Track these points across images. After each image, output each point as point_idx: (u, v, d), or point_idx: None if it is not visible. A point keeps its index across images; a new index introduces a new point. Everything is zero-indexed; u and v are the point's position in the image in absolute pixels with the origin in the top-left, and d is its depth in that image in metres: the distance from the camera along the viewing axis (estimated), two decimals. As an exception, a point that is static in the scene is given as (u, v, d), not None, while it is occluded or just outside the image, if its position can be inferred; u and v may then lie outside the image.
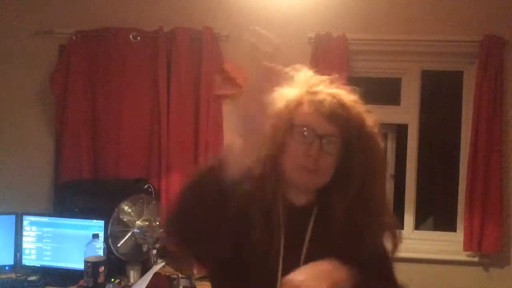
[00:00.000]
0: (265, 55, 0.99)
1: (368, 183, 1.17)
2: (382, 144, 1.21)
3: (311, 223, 1.18)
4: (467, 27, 3.00)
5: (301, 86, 1.20)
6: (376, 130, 1.20)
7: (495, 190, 2.91)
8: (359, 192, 1.16)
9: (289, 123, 1.15)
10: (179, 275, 2.47)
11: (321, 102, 1.14)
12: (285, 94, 1.18)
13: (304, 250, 1.16)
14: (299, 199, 1.20)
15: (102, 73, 3.03)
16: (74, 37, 3.00)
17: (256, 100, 0.95)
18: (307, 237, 1.17)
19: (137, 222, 2.59)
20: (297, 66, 1.22)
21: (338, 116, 1.13)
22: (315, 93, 1.17)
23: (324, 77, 1.22)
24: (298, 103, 1.16)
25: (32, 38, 3.10)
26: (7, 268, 2.68)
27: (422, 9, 3.03)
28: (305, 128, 1.13)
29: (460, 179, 3.15)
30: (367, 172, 1.16)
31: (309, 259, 1.14)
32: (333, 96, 1.16)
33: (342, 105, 1.15)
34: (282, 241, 1.15)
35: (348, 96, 1.18)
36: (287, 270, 1.11)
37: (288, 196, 1.20)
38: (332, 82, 1.21)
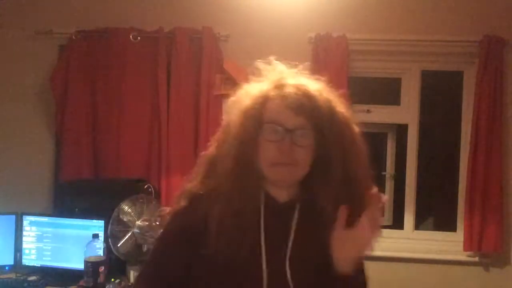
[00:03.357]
0: None
1: (349, 168, 1.15)
2: (356, 128, 1.19)
3: (295, 219, 1.18)
4: (467, 27, 3.00)
5: (267, 81, 1.19)
6: (347, 114, 1.19)
7: (495, 190, 2.91)
8: (343, 180, 1.15)
9: (258, 120, 1.14)
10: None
11: (286, 95, 1.13)
12: (251, 91, 1.18)
13: (290, 246, 1.16)
14: (282, 195, 1.20)
15: (102, 73, 3.03)
16: (74, 37, 3.00)
17: None
18: (292, 233, 1.17)
19: (137, 222, 2.59)
20: (268, 59, 1.22)
21: (305, 107, 1.12)
22: (281, 86, 1.16)
23: (291, 69, 1.22)
24: (265, 99, 1.15)
25: (32, 38, 3.10)
26: (7, 268, 2.68)
27: (422, 9, 3.03)
28: (274, 124, 1.13)
29: (460, 179, 3.15)
30: (346, 158, 1.15)
31: (295, 254, 1.15)
32: (298, 88, 1.15)
33: (308, 95, 1.14)
34: (263, 240, 1.15)
35: (314, 85, 1.18)
36: (273, 268, 1.13)
37: (270, 193, 1.19)
38: (299, 73, 1.21)
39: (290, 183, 1.19)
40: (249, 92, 1.18)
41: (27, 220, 2.70)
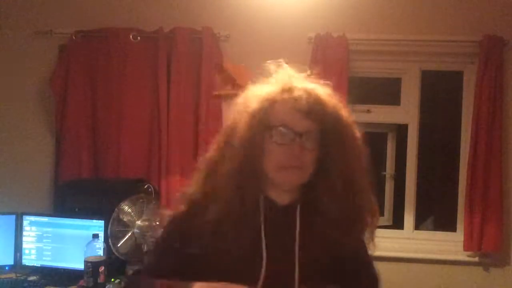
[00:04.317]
0: None
1: (349, 171, 1.16)
2: (358, 133, 1.20)
3: (298, 221, 1.17)
4: (467, 27, 3.00)
5: (275, 84, 1.18)
6: (351, 120, 1.20)
7: (495, 190, 2.90)
8: (344, 182, 1.15)
9: (265, 123, 1.13)
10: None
11: (296, 99, 1.13)
12: (259, 93, 1.17)
13: (297, 248, 1.15)
14: (283, 198, 1.19)
15: (102, 73, 3.03)
16: (74, 37, 3.00)
17: None
18: (297, 235, 1.16)
19: (137, 222, 2.59)
20: (276, 62, 1.22)
21: (315, 111, 1.13)
22: (289, 90, 1.15)
23: (298, 74, 1.21)
24: (273, 102, 1.15)
25: (32, 38, 3.10)
26: (7, 268, 2.68)
27: (422, 9, 3.03)
28: (283, 128, 1.12)
29: (460, 179, 3.15)
30: (348, 162, 1.16)
31: (304, 257, 1.14)
32: (308, 92, 1.15)
33: (317, 100, 1.14)
34: (264, 242, 1.15)
35: (322, 90, 1.18)
36: (277, 270, 1.12)
37: (270, 197, 1.19)
38: (306, 77, 1.21)
39: (295, 187, 1.19)
40: (256, 94, 1.17)
41: (27, 220, 2.70)
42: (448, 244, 3.12)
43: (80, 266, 2.36)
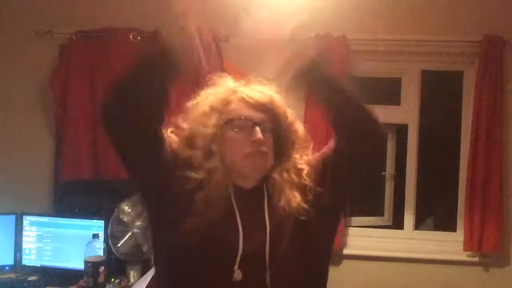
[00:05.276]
0: None
1: (295, 157, 1.32)
2: (301, 126, 1.36)
3: (266, 201, 1.27)
4: (467, 27, 3.00)
5: (224, 87, 1.36)
6: (293, 114, 1.35)
7: (495, 190, 2.90)
8: (290, 164, 1.30)
9: (223, 118, 1.28)
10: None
11: (249, 96, 1.29)
12: (211, 95, 1.35)
13: (268, 224, 1.23)
14: (248, 183, 1.29)
15: (102, 73, 3.03)
16: (74, 38, 3.01)
17: None
18: (266, 214, 1.24)
19: (137, 222, 2.59)
20: (218, 73, 1.41)
21: (266, 106, 1.29)
22: (238, 91, 1.32)
23: (241, 79, 1.38)
24: (226, 102, 1.30)
25: (32, 38, 3.10)
26: (7, 268, 2.69)
27: (422, 9, 3.02)
28: (243, 119, 1.26)
29: (460, 179, 3.15)
30: (293, 150, 1.32)
31: (275, 231, 1.22)
32: (258, 90, 1.31)
33: (266, 96, 1.30)
34: (239, 220, 1.22)
35: (268, 88, 1.33)
36: (252, 248, 1.20)
37: (237, 183, 1.28)
38: (249, 81, 1.36)
39: (261, 175, 1.28)
40: (209, 96, 1.35)
41: (27, 220, 2.71)
42: (448, 244, 3.12)
43: (80, 266, 2.37)
